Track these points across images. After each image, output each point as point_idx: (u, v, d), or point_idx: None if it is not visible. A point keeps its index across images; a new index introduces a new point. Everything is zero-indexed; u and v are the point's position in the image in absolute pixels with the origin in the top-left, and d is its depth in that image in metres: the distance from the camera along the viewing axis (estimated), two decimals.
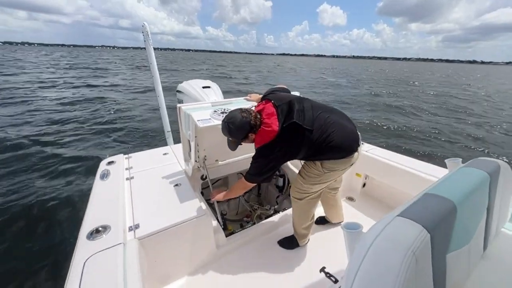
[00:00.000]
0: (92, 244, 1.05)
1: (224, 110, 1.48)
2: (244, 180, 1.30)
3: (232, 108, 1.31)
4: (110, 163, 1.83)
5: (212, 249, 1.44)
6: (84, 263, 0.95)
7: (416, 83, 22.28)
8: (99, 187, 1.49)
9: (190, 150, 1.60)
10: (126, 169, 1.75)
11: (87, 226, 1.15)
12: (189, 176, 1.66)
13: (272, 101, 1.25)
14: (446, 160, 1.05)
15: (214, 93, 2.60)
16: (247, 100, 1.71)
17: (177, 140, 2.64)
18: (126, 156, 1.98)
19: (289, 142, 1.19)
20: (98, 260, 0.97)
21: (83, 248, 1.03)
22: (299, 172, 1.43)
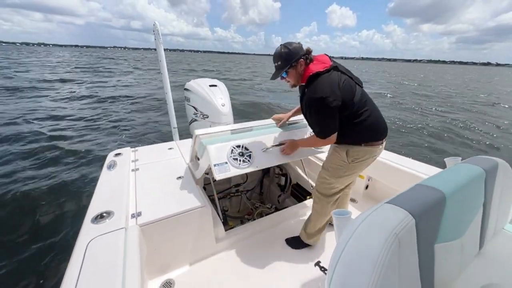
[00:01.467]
0: (96, 227, 1.10)
1: (243, 151, 1.45)
2: (316, 137, 1.30)
3: (252, 139, 1.52)
4: (117, 155, 1.90)
5: (211, 241, 1.47)
6: (87, 244, 1.00)
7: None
8: (105, 177, 1.56)
9: (198, 167, 1.62)
10: (132, 161, 1.82)
11: (92, 211, 1.21)
12: (195, 175, 1.66)
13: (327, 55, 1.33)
14: (445, 159, 1.05)
15: (221, 91, 2.65)
16: (274, 119, 1.76)
17: (182, 136, 2.72)
18: (133, 149, 2.05)
19: (337, 84, 1.18)
20: (100, 242, 1.02)
21: (87, 230, 1.09)
22: (322, 166, 1.43)
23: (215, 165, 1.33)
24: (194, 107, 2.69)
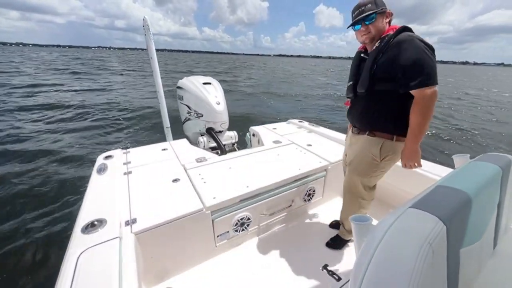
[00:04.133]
0: (87, 238, 1.01)
1: (244, 221, 1.48)
2: (425, 91, 0.97)
3: (258, 204, 1.49)
4: (107, 157, 1.79)
5: (211, 245, 1.41)
6: (78, 257, 0.91)
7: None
8: (95, 181, 1.45)
9: None
10: (124, 163, 1.71)
11: (82, 220, 1.11)
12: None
13: None
14: (453, 156, 1.02)
15: (215, 89, 2.57)
16: None
17: (176, 137, 2.61)
18: (124, 150, 1.93)
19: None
20: (92, 255, 0.93)
21: (77, 242, 0.99)
22: (349, 163, 1.34)
23: (218, 236, 1.39)
24: (187, 106, 2.59)
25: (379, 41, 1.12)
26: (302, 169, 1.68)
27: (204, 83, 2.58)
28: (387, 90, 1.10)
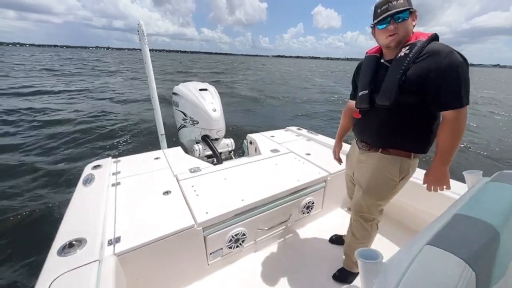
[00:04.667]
0: (63, 261, 0.93)
1: (239, 238, 1.41)
2: (461, 112, 0.89)
3: (254, 218, 1.41)
4: (96, 167, 1.71)
5: (203, 263, 1.33)
6: (51, 284, 0.83)
7: None
8: (80, 194, 1.38)
9: None
10: (113, 174, 1.63)
11: (60, 239, 1.03)
12: None
13: None
14: (464, 173, 0.95)
15: (211, 96, 2.51)
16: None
17: (170, 144, 2.54)
18: (115, 159, 1.85)
19: None
20: (67, 281, 0.85)
21: (52, 265, 0.91)
22: (359, 185, 1.19)
23: (210, 253, 1.33)
24: (183, 113, 2.53)
25: (407, 48, 0.95)
26: (300, 181, 1.63)
27: (201, 89, 2.52)
28: (413, 103, 0.96)
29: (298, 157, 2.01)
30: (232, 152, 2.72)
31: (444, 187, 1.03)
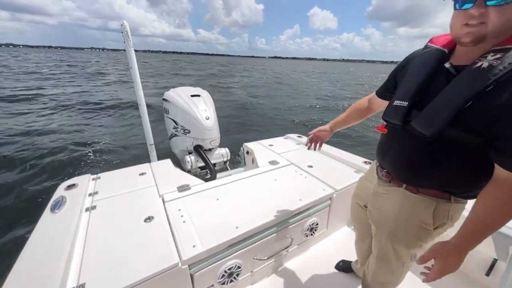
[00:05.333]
0: None
1: (233, 271, 1.21)
2: None
3: (250, 247, 1.21)
4: (70, 187, 1.48)
5: None
6: None
7: None
8: (45, 224, 1.16)
9: None
10: (90, 194, 1.42)
11: None
12: None
13: None
14: None
15: (204, 102, 2.32)
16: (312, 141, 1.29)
17: (161, 156, 2.33)
18: (94, 176, 1.63)
19: None
20: None
21: None
22: (377, 225, 0.92)
23: None
24: (173, 121, 2.34)
25: (498, 54, 0.58)
26: (303, 200, 1.44)
27: (193, 95, 2.33)
28: (464, 143, 0.65)
29: (300, 170, 1.82)
30: (228, 162, 2.53)
31: (447, 270, 0.69)
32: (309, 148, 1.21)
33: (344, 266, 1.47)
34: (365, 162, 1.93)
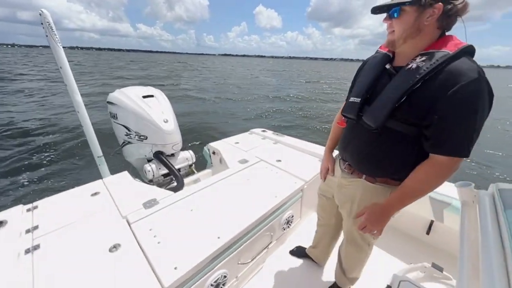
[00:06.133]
0: None
1: (219, 282, 1.12)
2: (456, 161, 0.70)
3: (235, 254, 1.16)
4: None
5: None
6: None
7: None
8: None
9: None
10: (27, 231, 1.11)
11: None
12: None
13: None
14: (455, 185, 0.90)
15: (160, 103, 2.10)
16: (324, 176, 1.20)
17: (114, 169, 2.01)
18: (28, 206, 1.29)
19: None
20: None
21: None
22: (345, 212, 1.05)
23: None
24: (125, 127, 2.04)
25: (424, 57, 0.71)
26: (279, 196, 1.45)
27: (145, 96, 2.08)
28: (404, 133, 0.77)
29: (270, 166, 1.84)
30: (193, 165, 2.37)
31: (377, 232, 0.87)
32: (325, 180, 1.22)
33: (298, 252, 1.58)
34: None
